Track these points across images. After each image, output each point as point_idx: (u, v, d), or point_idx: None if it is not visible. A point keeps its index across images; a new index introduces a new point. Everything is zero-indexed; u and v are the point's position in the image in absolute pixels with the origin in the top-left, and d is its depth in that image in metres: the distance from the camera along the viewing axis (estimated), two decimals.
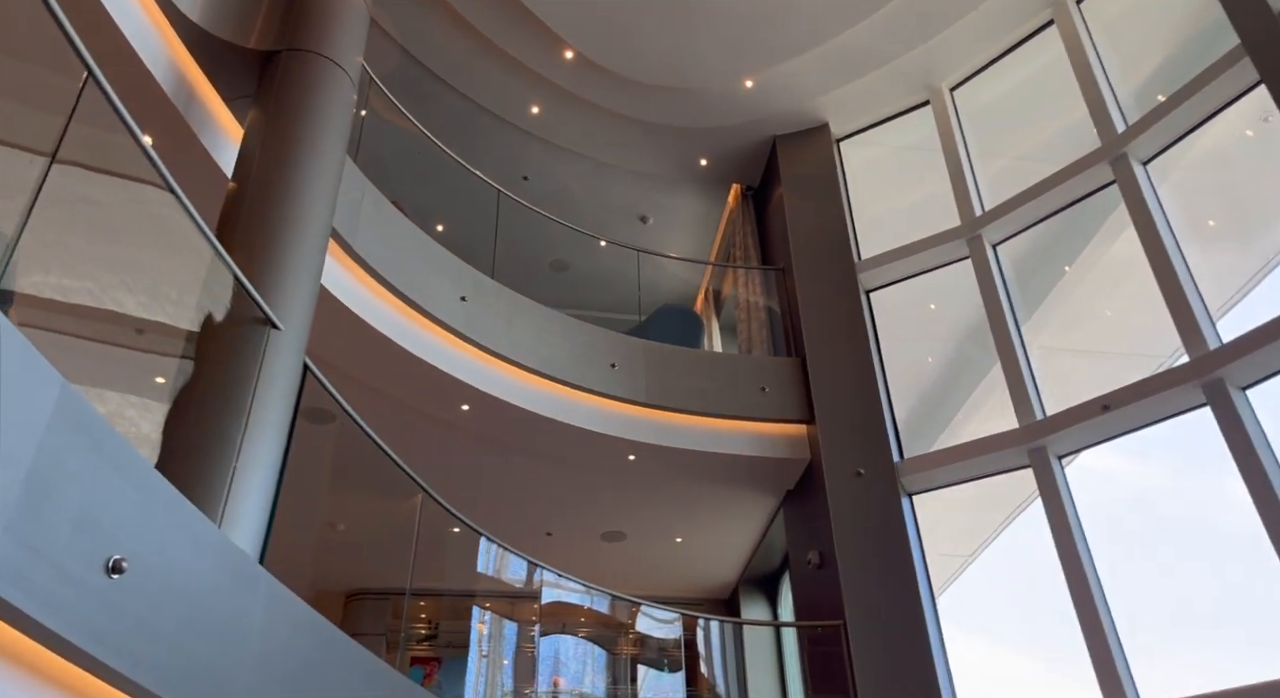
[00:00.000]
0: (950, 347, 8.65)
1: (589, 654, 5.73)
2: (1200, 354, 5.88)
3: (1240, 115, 6.20)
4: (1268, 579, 5.35)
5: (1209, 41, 6.17)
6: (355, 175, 5.34)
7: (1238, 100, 6.06)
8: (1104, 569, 6.17)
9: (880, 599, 6.45)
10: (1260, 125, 6.11)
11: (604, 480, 7.38)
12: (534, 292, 7.04)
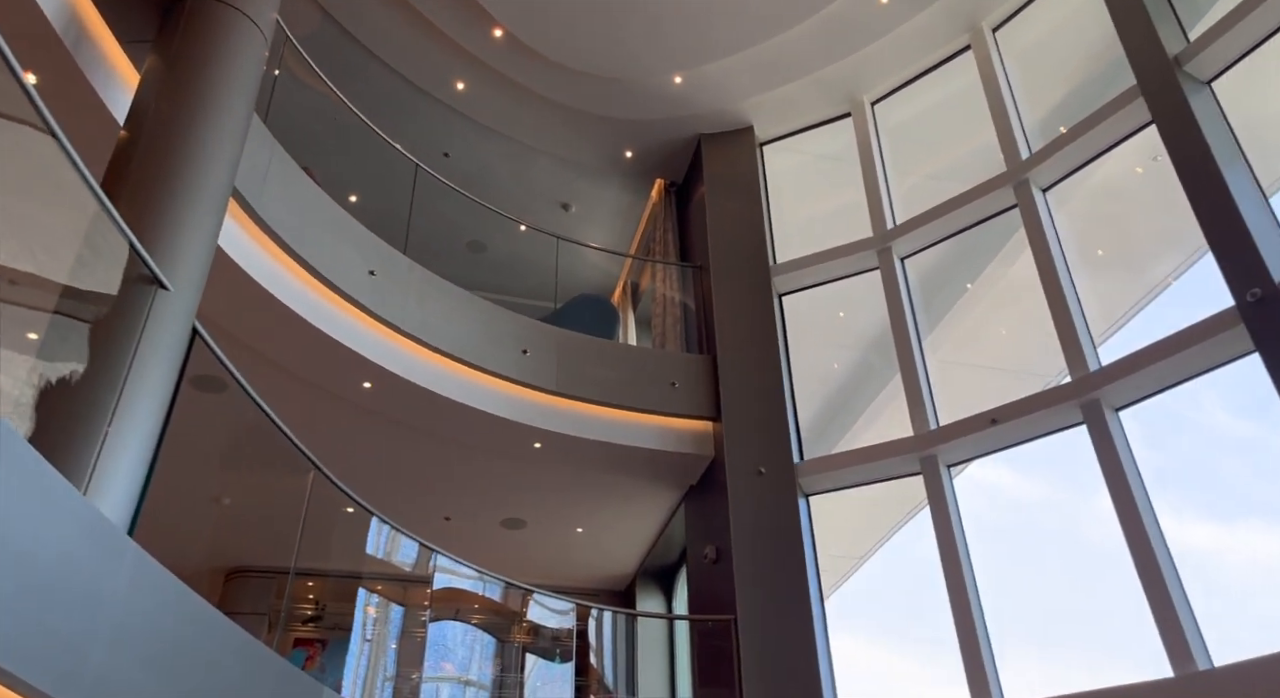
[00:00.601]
0: (856, 354, 8.92)
1: (478, 642, 5.67)
2: (1081, 375, 6.22)
3: (1134, 152, 6.58)
4: (1126, 591, 5.70)
5: (1110, 79, 6.52)
6: (264, 136, 5.12)
7: (1131, 137, 6.43)
8: (981, 576, 6.46)
9: (771, 596, 6.60)
10: (1150, 164, 6.50)
11: (508, 467, 7.31)
12: (448, 271, 6.90)
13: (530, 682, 5.90)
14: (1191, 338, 5.67)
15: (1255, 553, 7.00)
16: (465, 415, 6.68)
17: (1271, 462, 6.10)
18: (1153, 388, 6.02)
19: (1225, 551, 7.00)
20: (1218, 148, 5.61)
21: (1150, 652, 5.41)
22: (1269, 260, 5.24)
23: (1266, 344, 5.19)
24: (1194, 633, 5.24)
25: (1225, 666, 5.01)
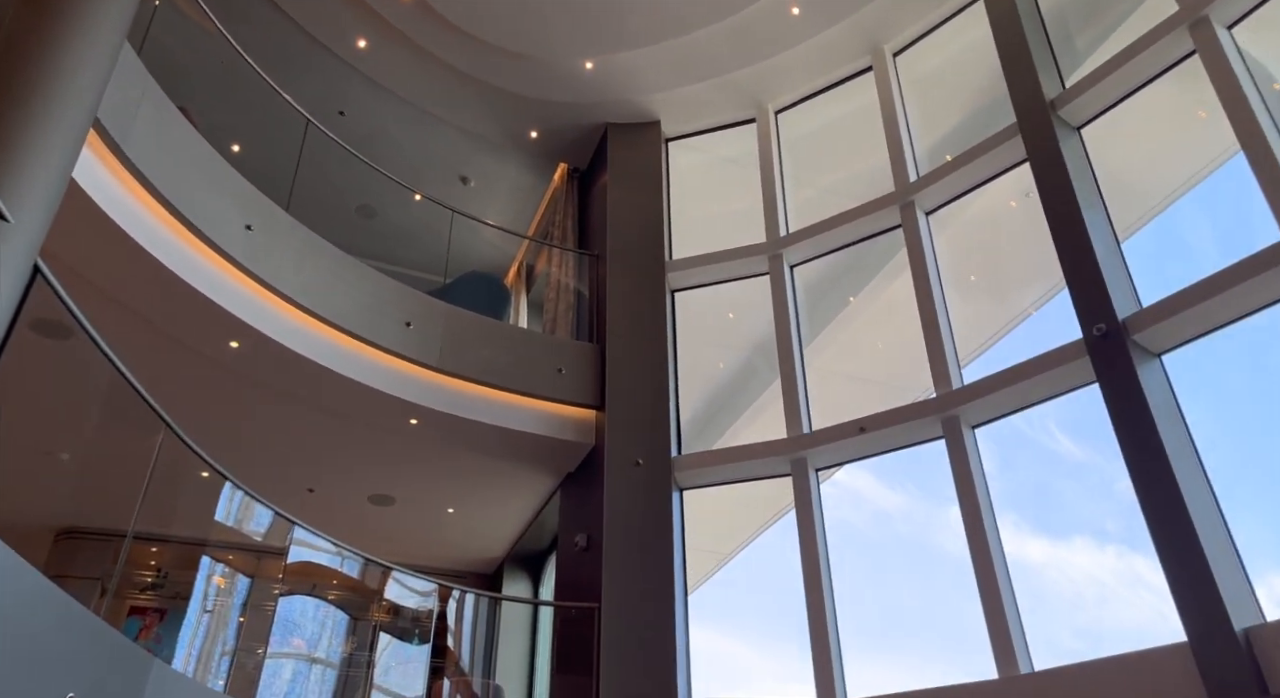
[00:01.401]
0: (741, 356, 9.12)
1: (332, 618, 5.49)
2: (944, 392, 6.58)
3: (1010, 186, 6.99)
4: (966, 598, 6.06)
5: (995, 114, 6.91)
6: (137, 70, 4.77)
7: (1007, 172, 6.84)
8: (838, 577, 6.72)
9: (637, 587, 6.68)
10: (1023, 199, 6.92)
11: (380, 442, 7.10)
12: (334, 235, 6.63)
13: (382, 661, 5.77)
14: (1042, 365, 6.08)
15: (1080, 569, 7.60)
16: (339, 385, 6.45)
17: (1101, 485, 6.62)
18: (1006, 409, 6.43)
19: (1055, 565, 7.57)
20: (1081, 190, 6.03)
21: (981, 655, 5.78)
22: (1115, 299, 5.68)
23: (1105, 376, 5.62)
24: (1020, 639, 5.63)
25: (1043, 670, 5.40)
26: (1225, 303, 5.28)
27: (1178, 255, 6.64)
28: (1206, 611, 4.67)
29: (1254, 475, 5.61)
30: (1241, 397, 6.16)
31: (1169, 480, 5.06)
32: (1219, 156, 5.96)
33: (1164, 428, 5.23)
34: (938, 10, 7.64)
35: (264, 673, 4.97)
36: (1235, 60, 5.45)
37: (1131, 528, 5.45)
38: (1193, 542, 4.85)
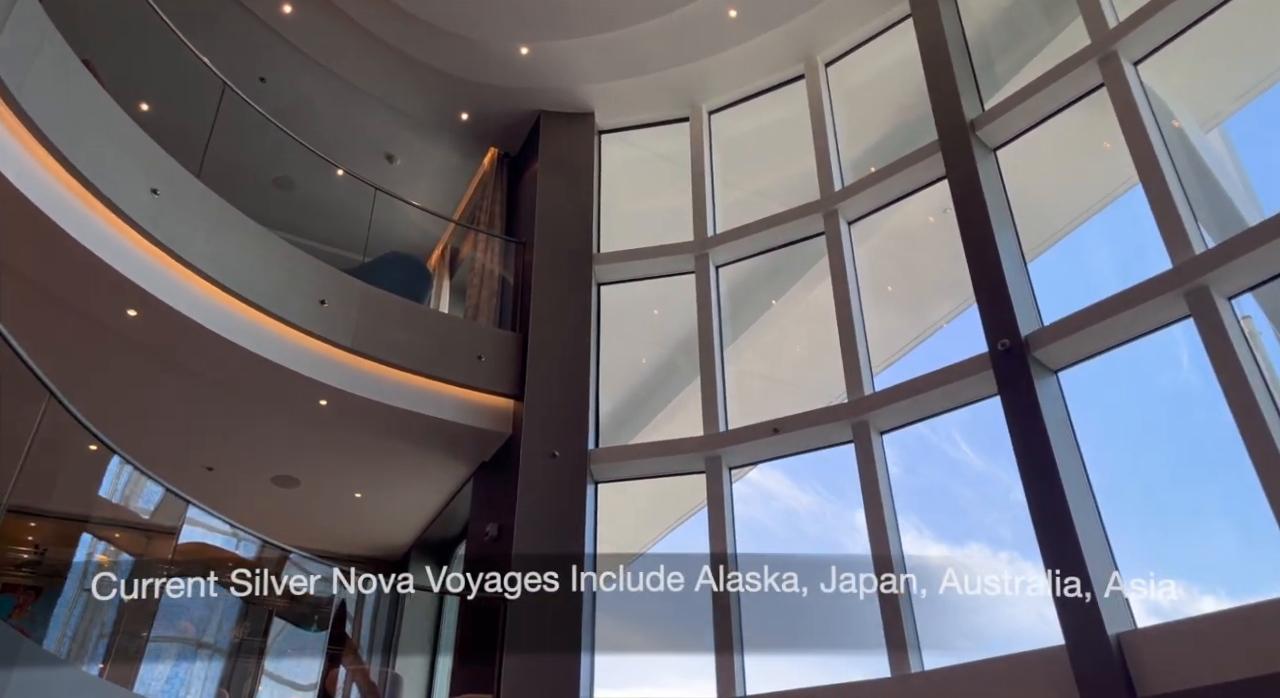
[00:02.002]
0: (664, 352, 9.18)
1: (224, 602, 5.29)
2: (856, 398, 6.75)
3: (930, 201, 7.22)
4: (866, 598, 6.20)
5: (919, 130, 7.11)
6: (37, 17, 4.49)
7: (927, 188, 7.05)
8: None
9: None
10: (941, 215, 7.15)
11: (287, 421, 6.89)
12: (249, 205, 6.38)
13: (276, 647, 5.59)
14: (949, 377, 6.30)
15: (975, 573, 7.91)
16: (246, 361, 6.22)
17: (998, 494, 6.91)
18: (913, 417, 6.63)
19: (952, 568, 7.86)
20: (994, 210, 6.27)
21: (877, 653, 5.95)
22: (1019, 316, 5.92)
23: (1006, 389, 5.86)
24: (913, 639, 5.82)
25: (933, 669, 5.61)
26: (1118, 325, 5.57)
27: (1079, 278, 6.98)
28: (1083, 616, 4.92)
29: (1132, 490, 5.94)
30: (1126, 416, 6.52)
31: (1057, 492, 5.31)
32: (1121, 186, 6.28)
33: (1056, 442, 5.48)
34: (870, 24, 7.82)
35: (146, 657, 4.76)
36: (1139, 96, 5.75)
37: (1024, 536, 5.70)
38: (1075, 551, 5.10)
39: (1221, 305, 5.15)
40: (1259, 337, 6.57)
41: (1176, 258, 5.30)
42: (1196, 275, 5.16)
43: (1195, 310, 5.20)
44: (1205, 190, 5.76)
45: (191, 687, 5.01)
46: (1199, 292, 5.17)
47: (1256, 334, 6.58)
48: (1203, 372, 5.46)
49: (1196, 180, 5.73)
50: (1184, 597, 5.38)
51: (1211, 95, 6.34)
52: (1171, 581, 5.37)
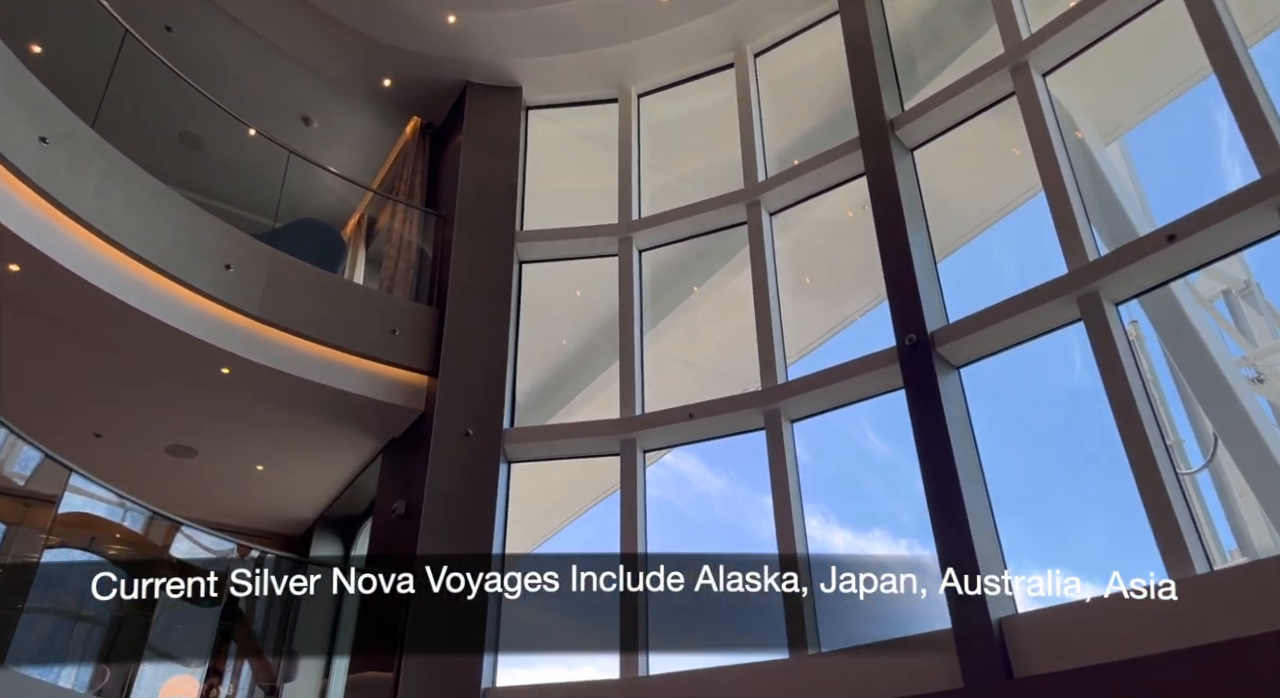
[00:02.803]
0: (584, 334, 9.16)
1: (108, 574, 5.05)
2: (769, 386, 6.88)
3: (849, 196, 7.37)
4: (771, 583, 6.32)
5: (843, 126, 7.24)
6: None
7: (847, 183, 7.20)
8: (653, 551, 6.84)
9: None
10: (859, 211, 7.32)
11: (185, 389, 6.61)
12: (151, 161, 6.06)
13: (161, 621, 5.39)
14: (859, 369, 6.47)
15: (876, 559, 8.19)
16: (143, 325, 5.93)
17: (901, 483, 7.16)
18: (823, 406, 6.79)
19: (855, 554, 8.13)
20: (909, 208, 6.45)
21: (778, 636, 6.09)
22: (926, 313, 6.12)
23: (912, 383, 6.06)
24: (812, 623, 5.99)
25: (830, 651, 5.79)
26: (1017, 325, 5.81)
27: (986, 279, 7.26)
28: (970, 601, 5.15)
29: (1022, 483, 6.24)
30: (1021, 412, 6.83)
31: (952, 482, 5.54)
32: (1028, 192, 6.54)
33: (954, 435, 5.70)
34: (799, 18, 7.90)
35: (19, 628, 4.53)
36: (1046, 106, 5.99)
37: (923, 523, 5.92)
38: (965, 538, 5.33)
39: (1109, 310, 5.43)
40: (1143, 341, 6.98)
41: (1071, 264, 5.56)
42: (1088, 281, 5.42)
43: (1086, 314, 5.46)
44: (1102, 200, 6.05)
45: (68, 661, 4.80)
46: (1090, 297, 5.44)
47: (1141, 339, 6.99)
48: (1093, 373, 5.76)
49: (1094, 190, 6.01)
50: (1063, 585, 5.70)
51: (1114, 108, 6.65)
52: (1053, 570, 5.69)
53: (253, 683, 6.33)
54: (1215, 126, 5.93)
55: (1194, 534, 4.81)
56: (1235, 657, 4.00)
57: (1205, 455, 6.88)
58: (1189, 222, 5.01)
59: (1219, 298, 7.74)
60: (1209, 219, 4.92)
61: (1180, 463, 6.59)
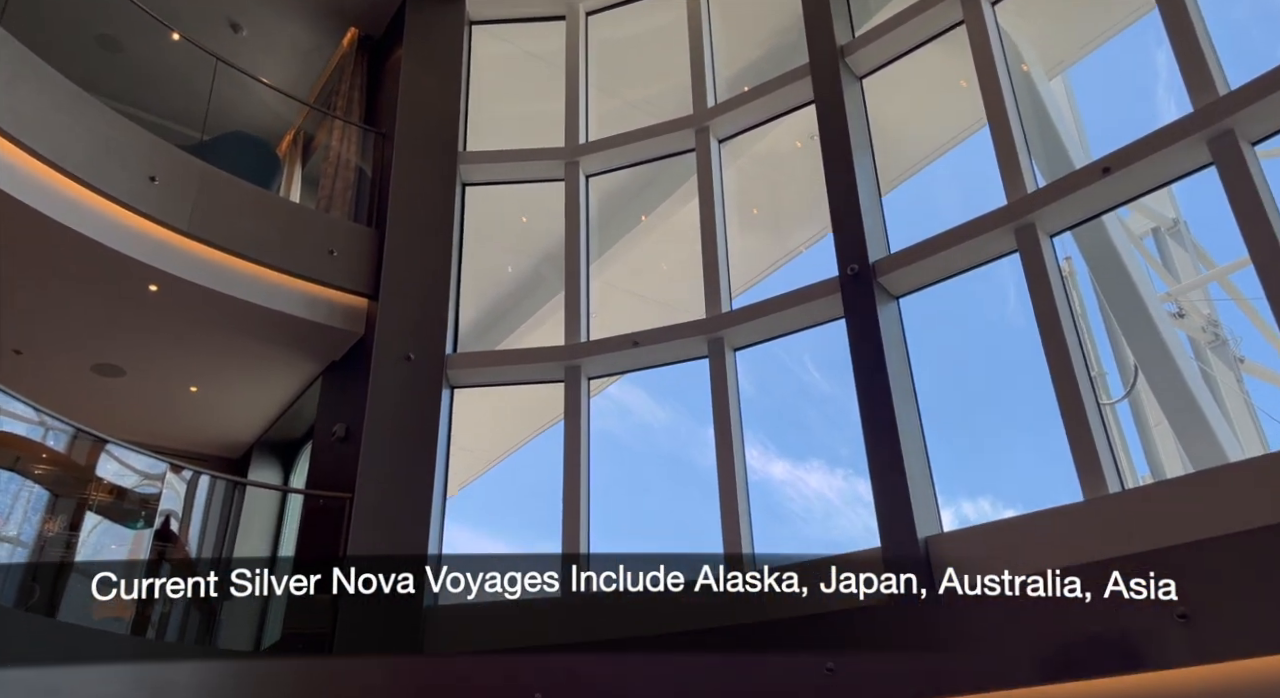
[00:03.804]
0: (530, 262, 9.05)
1: (29, 494, 4.93)
2: (714, 315, 6.92)
3: (798, 125, 7.33)
4: (710, 508, 6.47)
5: (794, 53, 7.15)
6: None
7: (796, 111, 7.15)
8: (596, 484, 6.91)
9: (394, 482, 6.54)
10: (808, 141, 7.29)
11: (110, 306, 6.36)
12: (65, 63, 5.69)
13: (90, 542, 5.29)
14: (801, 298, 6.54)
15: (813, 488, 8.48)
16: (62, 237, 5.66)
17: (838, 415, 7.33)
18: (766, 335, 6.87)
19: (792, 484, 8.38)
20: (855, 137, 6.45)
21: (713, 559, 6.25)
22: (869, 243, 6.19)
23: (852, 313, 6.16)
24: (748, 543, 6.16)
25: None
26: (956, 256, 5.92)
27: (929, 212, 7.36)
28: (899, 521, 5.36)
29: (954, 411, 6.45)
30: (955, 345, 7.03)
31: (887, 410, 5.69)
32: (971, 126, 6.60)
33: (891, 362, 5.84)
34: None
35: None
36: (994, 36, 5.99)
37: (859, 454, 6.10)
38: (898, 463, 5.51)
39: (1044, 242, 5.56)
40: (1075, 277, 7.20)
41: (1010, 195, 5.66)
42: (1025, 213, 5.53)
43: (1022, 246, 5.59)
44: (1043, 134, 6.14)
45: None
46: (1026, 228, 5.55)
47: (1073, 275, 7.21)
48: (1025, 310, 5.93)
49: (1036, 124, 6.09)
50: (989, 507, 5.96)
51: (1059, 42, 6.69)
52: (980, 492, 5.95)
53: (188, 603, 6.30)
54: (1154, 66, 6.04)
55: (1110, 458, 5.05)
56: (1142, 570, 4.26)
57: (1125, 388, 7.20)
58: (1123, 154, 5.12)
59: (1148, 236, 8.00)
60: (1142, 152, 5.03)
61: (1102, 394, 6.89)
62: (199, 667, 5.55)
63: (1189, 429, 5.86)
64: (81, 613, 5.18)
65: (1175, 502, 4.53)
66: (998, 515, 5.62)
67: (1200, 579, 4.05)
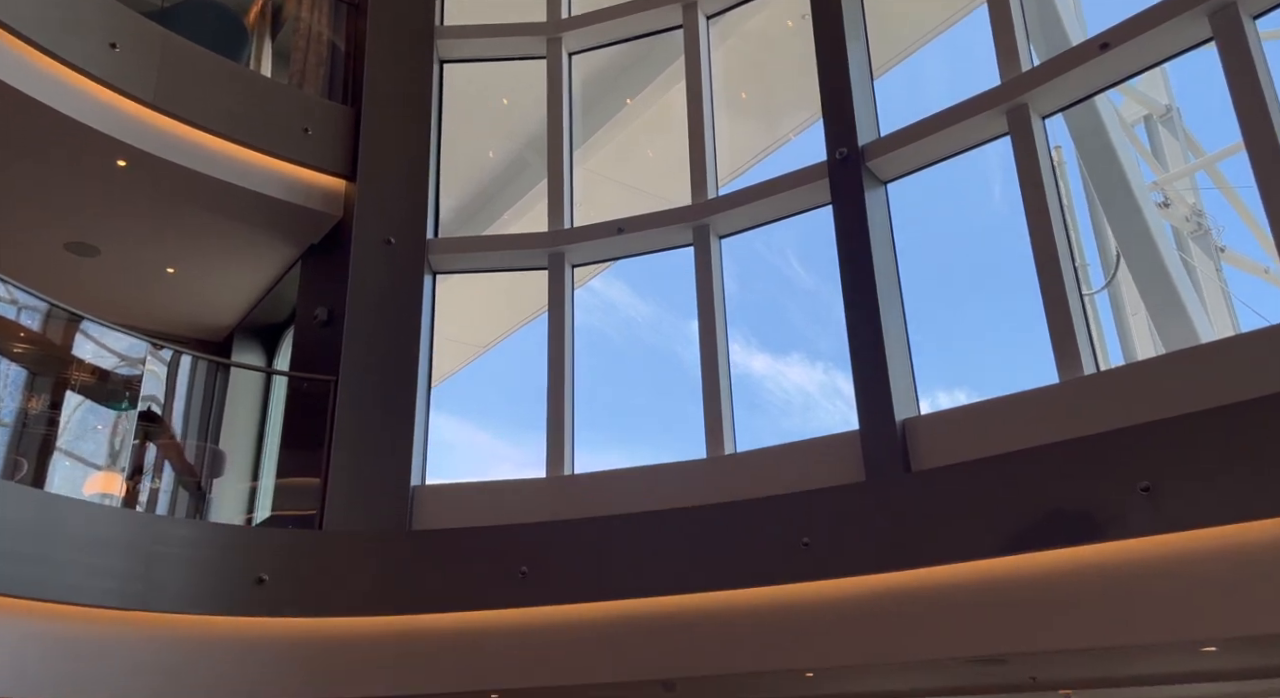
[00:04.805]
0: (512, 146, 8.82)
1: (8, 373, 4.88)
2: (700, 201, 6.82)
3: (790, 3, 7.04)
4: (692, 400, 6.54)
5: None
6: None
7: None
8: (580, 377, 6.94)
9: (378, 366, 6.54)
10: (799, 20, 7.01)
11: (79, 182, 6.16)
12: None
13: (73, 421, 5.29)
14: (789, 184, 6.45)
15: (793, 381, 8.61)
16: (21, 105, 5.42)
17: (821, 309, 7.35)
18: (752, 222, 6.81)
19: (773, 377, 8.50)
20: (848, 18, 6.23)
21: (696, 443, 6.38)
22: (859, 127, 6.06)
23: (839, 198, 6.09)
24: (730, 429, 6.27)
25: (744, 451, 6.12)
26: (946, 139, 5.83)
27: (919, 98, 7.18)
28: (877, 404, 5.46)
29: (935, 299, 6.49)
30: (938, 235, 7.00)
31: (870, 295, 5.71)
32: (967, 3, 6.36)
33: (876, 248, 5.82)
34: None
35: None
36: None
37: (839, 348, 6.14)
38: (878, 347, 5.56)
39: (1036, 125, 5.47)
40: (1064, 167, 7.13)
41: (1005, 75, 5.52)
42: (1019, 93, 5.41)
43: (1013, 127, 5.50)
44: (1042, 13, 5.94)
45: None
46: (1019, 109, 5.45)
47: (1063, 164, 7.13)
48: (1009, 203, 5.87)
49: (1035, 3, 5.88)
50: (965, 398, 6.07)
51: None
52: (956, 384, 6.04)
53: (176, 481, 6.38)
54: None
55: (1087, 342, 5.13)
56: (1109, 447, 4.38)
57: (1106, 279, 7.26)
58: (1123, 29, 4.99)
59: (1139, 123, 7.89)
60: (1142, 26, 4.90)
61: (1083, 284, 6.95)
62: (195, 526, 5.68)
63: (1166, 317, 5.95)
64: (72, 488, 5.24)
65: (1145, 383, 4.64)
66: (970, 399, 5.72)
67: (1164, 454, 4.18)
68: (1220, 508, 3.98)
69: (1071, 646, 4.40)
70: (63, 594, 4.48)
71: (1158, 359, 4.79)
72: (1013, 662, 5.10)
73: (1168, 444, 4.19)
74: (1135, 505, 4.18)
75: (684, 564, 5.41)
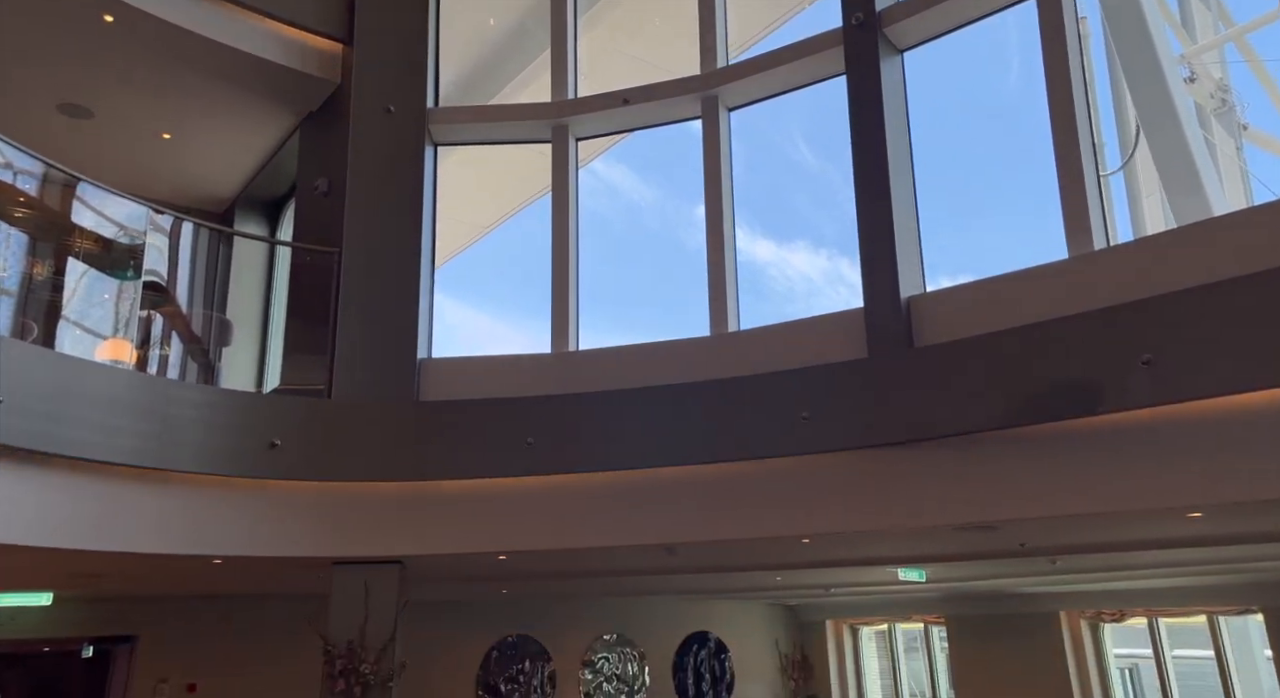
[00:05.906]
0: (514, 15, 8.44)
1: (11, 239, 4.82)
2: (708, 71, 6.58)
3: None
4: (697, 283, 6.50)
5: None
6: None
7: None
8: (584, 260, 6.88)
9: (381, 238, 6.46)
10: None
11: (67, 41, 5.91)
12: None
13: (79, 289, 5.27)
14: (801, 52, 6.21)
15: (797, 268, 8.56)
16: None
17: (828, 195, 7.20)
18: (762, 94, 6.58)
19: (777, 264, 8.45)
20: None
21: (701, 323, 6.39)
22: None
23: (853, 66, 5.87)
24: (734, 309, 6.27)
25: (748, 329, 6.14)
26: (967, 1, 5.56)
27: None
28: (883, 282, 5.43)
29: (947, 175, 6.36)
30: (953, 111, 6.80)
31: (881, 169, 5.58)
32: None
33: (889, 122, 5.65)
34: None
35: None
36: None
37: (843, 234, 6.05)
38: (887, 223, 5.48)
39: None
40: (1089, 39, 6.84)
41: None
42: None
43: None
44: None
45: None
46: None
47: (1088, 36, 6.84)
48: (1028, 79, 5.64)
49: None
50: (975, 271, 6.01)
51: None
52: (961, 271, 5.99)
53: (185, 352, 6.43)
54: None
55: (1100, 217, 5.05)
56: (1112, 320, 4.38)
57: (1123, 160, 7.09)
58: None
59: None
60: None
61: (1100, 165, 6.80)
62: (208, 390, 5.76)
63: (1183, 194, 5.84)
64: (83, 354, 5.27)
65: (1153, 257, 4.60)
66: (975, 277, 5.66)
67: (1166, 328, 4.19)
68: (1219, 379, 4.02)
69: (1061, 513, 4.54)
70: (81, 450, 4.57)
71: (1166, 234, 4.73)
72: (1003, 529, 5.29)
73: (1171, 318, 4.19)
74: (1136, 378, 4.21)
75: (686, 437, 5.52)
